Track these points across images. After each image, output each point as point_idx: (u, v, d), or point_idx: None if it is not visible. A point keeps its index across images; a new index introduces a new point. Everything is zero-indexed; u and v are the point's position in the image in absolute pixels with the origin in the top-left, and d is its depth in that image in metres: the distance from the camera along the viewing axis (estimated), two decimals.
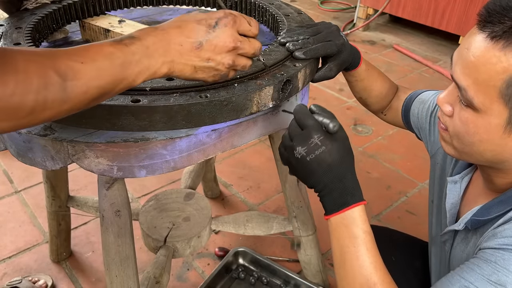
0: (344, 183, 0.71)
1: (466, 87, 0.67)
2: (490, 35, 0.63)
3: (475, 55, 0.65)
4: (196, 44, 0.65)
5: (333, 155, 0.71)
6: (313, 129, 0.72)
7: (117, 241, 0.99)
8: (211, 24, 0.67)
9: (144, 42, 0.61)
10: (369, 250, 0.71)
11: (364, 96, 1.09)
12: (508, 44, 0.61)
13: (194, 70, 0.67)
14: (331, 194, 0.71)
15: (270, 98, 0.82)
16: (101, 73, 0.56)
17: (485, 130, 0.68)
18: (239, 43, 0.69)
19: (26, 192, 1.94)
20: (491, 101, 0.65)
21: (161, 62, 0.63)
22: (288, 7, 1.15)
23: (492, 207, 0.74)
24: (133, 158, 0.78)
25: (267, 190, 1.99)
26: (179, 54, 0.65)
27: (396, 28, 3.86)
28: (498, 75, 0.63)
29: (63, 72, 0.52)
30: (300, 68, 0.87)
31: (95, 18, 1.13)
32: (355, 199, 0.71)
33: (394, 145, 2.27)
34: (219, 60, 0.68)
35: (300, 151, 0.71)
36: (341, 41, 0.92)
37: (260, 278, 1.50)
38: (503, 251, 0.65)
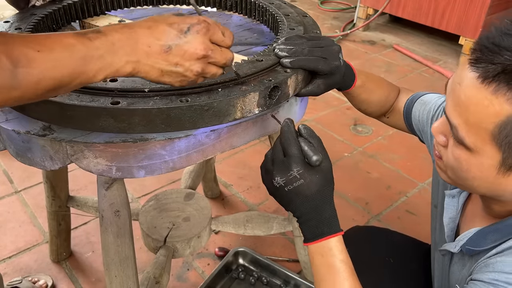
0: (320, 214, 0.72)
1: (457, 125, 0.65)
2: (482, 76, 0.60)
3: (466, 95, 0.63)
4: (165, 48, 0.63)
5: (311, 188, 0.71)
6: (293, 160, 0.71)
7: (117, 241, 0.99)
8: (183, 29, 0.65)
9: (110, 38, 0.59)
10: (347, 279, 0.71)
11: (364, 107, 1.08)
12: (500, 88, 0.59)
13: (161, 73, 0.65)
14: (308, 223, 0.73)
15: (256, 104, 0.81)
16: (57, 64, 0.54)
17: (477, 169, 0.66)
18: (210, 51, 0.67)
19: (26, 192, 1.94)
20: (483, 143, 0.63)
21: (125, 60, 0.61)
22: (289, 7, 1.15)
23: (488, 235, 0.73)
24: (132, 158, 0.78)
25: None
26: (146, 55, 0.63)
27: (396, 28, 3.86)
28: (489, 118, 0.61)
29: (15, 58, 0.50)
30: (291, 74, 0.85)
31: (95, 18, 1.13)
32: (331, 230, 0.72)
33: (394, 145, 2.27)
34: (188, 67, 0.66)
35: (278, 181, 0.72)
36: (337, 63, 0.88)
37: (260, 278, 1.50)
38: (493, 286, 0.64)
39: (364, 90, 1.02)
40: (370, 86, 1.03)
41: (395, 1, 3.47)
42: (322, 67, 0.86)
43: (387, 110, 1.10)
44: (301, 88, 0.90)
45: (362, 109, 1.09)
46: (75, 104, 0.73)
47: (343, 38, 3.61)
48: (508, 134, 0.60)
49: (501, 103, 0.59)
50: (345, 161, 2.20)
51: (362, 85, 1.00)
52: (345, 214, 1.87)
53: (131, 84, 0.77)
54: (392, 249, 1.10)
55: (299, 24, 1.05)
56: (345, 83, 0.97)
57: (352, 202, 1.94)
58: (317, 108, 2.57)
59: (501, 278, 0.64)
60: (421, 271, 1.08)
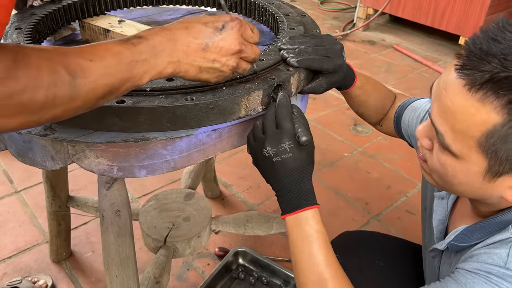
0: (300, 188, 0.75)
1: (444, 132, 0.64)
2: (469, 84, 0.59)
3: (453, 102, 0.62)
4: (202, 46, 0.67)
5: (296, 163, 0.75)
6: (286, 134, 0.75)
7: (117, 241, 0.99)
8: (218, 27, 0.68)
9: (151, 42, 0.62)
10: (321, 248, 0.74)
11: (361, 110, 1.09)
12: (487, 96, 0.58)
13: (199, 70, 0.69)
14: (287, 196, 0.76)
15: (260, 103, 0.82)
16: (109, 72, 0.57)
17: (463, 175, 0.66)
18: (243, 46, 0.71)
19: (26, 192, 1.94)
20: (469, 150, 0.63)
21: (167, 62, 0.64)
22: (289, 7, 1.15)
23: (474, 232, 0.73)
24: (133, 158, 0.78)
25: (267, 190, 1.99)
26: (185, 54, 0.66)
27: (396, 28, 3.86)
28: (476, 126, 0.60)
29: (72, 69, 0.52)
30: (293, 72, 0.85)
31: (95, 18, 1.13)
32: (309, 202, 0.75)
33: (394, 145, 2.27)
34: (224, 62, 0.70)
35: (269, 150, 0.75)
36: (340, 62, 0.89)
37: (260, 278, 1.50)
38: (475, 274, 0.65)
39: (363, 91, 1.03)
40: (369, 88, 1.04)
41: (395, 1, 3.47)
42: (326, 66, 0.87)
43: (383, 115, 1.11)
44: (303, 86, 0.90)
45: (360, 112, 1.10)
46: None
47: (343, 38, 3.61)
48: (495, 143, 0.59)
49: (488, 111, 0.58)
50: (345, 161, 2.20)
51: (361, 86, 1.01)
52: (345, 214, 1.87)
53: None
54: (383, 253, 1.09)
55: (299, 24, 1.05)
56: (346, 82, 0.98)
57: (352, 202, 1.94)
58: (317, 108, 2.57)
59: (483, 268, 0.65)
60: (413, 273, 1.08)
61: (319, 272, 0.73)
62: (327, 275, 0.72)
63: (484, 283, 0.63)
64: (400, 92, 1.15)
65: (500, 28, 0.60)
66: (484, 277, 0.64)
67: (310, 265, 0.74)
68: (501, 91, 0.57)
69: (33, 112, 0.50)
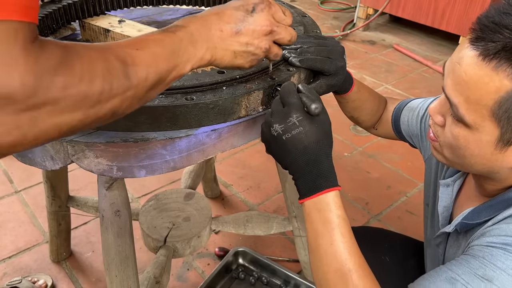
0: (318, 167, 0.69)
1: (457, 103, 0.66)
2: (483, 54, 0.62)
3: (467, 73, 0.64)
4: (235, 29, 0.67)
5: (310, 137, 0.69)
6: (293, 108, 0.70)
7: (117, 241, 0.99)
8: (249, 9, 0.68)
9: (188, 29, 0.62)
10: (344, 235, 0.68)
11: (356, 115, 1.09)
12: (501, 64, 0.60)
13: (234, 55, 0.68)
14: (305, 177, 0.70)
15: (260, 103, 0.81)
16: (156, 59, 0.56)
17: (475, 146, 0.68)
18: (275, 27, 0.70)
19: (26, 192, 1.94)
20: (483, 119, 0.64)
21: (205, 48, 0.64)
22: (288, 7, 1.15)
23: (482, 211, 0.75)
24: (133, 158, 0.78)
25: (267, 190, 1.99)
26: (220, 39, 0.66)
27: (396, 28, 3.86)
28: (490, 94, 0.62)
29: (122, 57, 0.52)
30: (294, 72, 0.85)
31: (95, 18, 1.13)
32: (329, 183, 0.69)
33: (394, 145, 2.27)
34: (257, 44, 0.69)
35: (276, 128, 0.70)
36: (342, 64, 0.89)
37: (260, 278, 1.50)
38: (492, 247, 0.66)
39: (359, 96, 1.03)
40: (364, 94, 1.05)
41: (395, 1, 3.47)
42: (328, 67, 0.87)
43: (377, 120, 1.12)
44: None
45: (355, 117, 1.10)
46: None
47: (343, 38, 3.61)
48: (507, 109, 0.62)
49: (501, 79, 0.61)
50: (345, 161, 2.20)
51: (358, 91, 1.02)
52: None
53: None
54: (387, 248, 1.10)
55: (299, 24, 1.05)
56: (344, 86, 0.98)
57: (352, 202, 1.94)
58: None
59: (499, 240, 0.66)
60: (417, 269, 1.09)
61: (341, 261, 0.67)
62: (351, 265, 0.67)
63: (502, 254, 0.64)
64: (400, 92, 1.15)
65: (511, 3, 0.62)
66: (501, 249, 0.65)
67: (332, 254, 0.68)
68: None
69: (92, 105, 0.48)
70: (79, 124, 0.48)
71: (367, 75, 3.02)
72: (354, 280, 0.66)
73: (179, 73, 0.61)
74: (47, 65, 0.42)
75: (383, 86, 2.86)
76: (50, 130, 0.45)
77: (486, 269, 0.64)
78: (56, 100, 0.44)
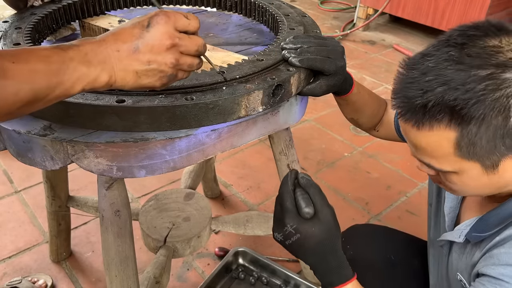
0: (327, 264, 0.71)
1: (429, 162, 0.70)
2: (416, 124, 0.65)
3: (417, 143, 0.68)
4: (132, 48, 0.63)
5: (310, 242, 0.70)
6: (287, 216, 0.70)
7: (117, 241, 0.99)
8: (144, 24, 0.64)
9: (82, 49, 0.60)
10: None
11: (356, 117, 1.09)
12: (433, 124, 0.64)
13: (137, 76, 0.64)
14: (318, 273, 0.72)
15: (260, 103, 0.81)
16: (33, 75, 0.54)
17: (471, 181, 0.70)
18: (177, 39, 0.65)
19: (26, 192, 1.94)
20: (459, 164, 0.67)
21: (100, 69, 0.61)
22: (289, 7, 1.15)
23: (490, 220, 0.75)
24: (133, 158, 0.78)
25: (267, 190, 1.99)
26: (118, 60, 0.62)
27: (396, 28, 3.86)
28: (446, 147, 0.65)
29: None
30: (294, 72, 0.85)
31: (95, 18, 1.13)
32: (341, 279, 0.71)
33: (394, 145, 2.27)
34: (161, 61, 0.65)
35: (278, 236, 0.72)
36: (342, 64, 0.89)
37: (260, 278, 1.50)
38: (501, 282, 0.67)
39: (359, 98, 1.03)
40: (364, 96, 1.04)
41: (395, 1, 3.47)
42: (328, 66, 0.87)
43: (377, 122, 1.11)
44: (303, 86, 0.90)
45: (355, 118, 1.10)
46: (80, 103, 0.74)
47: (343, 38, 3.61)
48: (468, 149, 0.64)
49: (443, 132, 0.64)
50: (345, 161, 2.20)
51: (358, 92, 1.02)
52: (345, 214, 1.87)
53: None
54: (393, 246, 1.11)
55: (299, 24, 1.05)
56: (344, 86, 0.98)
57: (352, 202, 1.94)
58: (317, 108, 2.57)
59: (508, 272, 0.66)
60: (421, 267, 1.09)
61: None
62: None
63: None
64: None
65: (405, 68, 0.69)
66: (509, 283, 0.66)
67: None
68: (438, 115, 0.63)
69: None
70: None
71: (367, 75, 3.02)
72: None
73: (65, 93, 0.58)
74: None
75: (383, 86, 2.86)
76: None
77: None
78: None
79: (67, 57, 0.58)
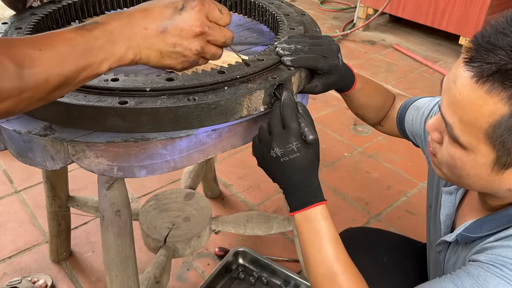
0: (309, 186, 0.76)
1: (452, 124, 0.65)
2: (477, 76, 0.60)
3: (461, 94, 0.63)
4: (161, 28, 0.63)
5: (304, 162, 0.75)
6: (293, 134, 0.74)
7: (117, 241, 0.99)
8: (178, 7, 0.63)
9: (108, 27, 0.59)
10: (331, 242, 0.75)
11: (361, 112, 1.08)
12: (495, 87, 0.59)
13: (161, 55, 0.65)
14: (296, 194, 0.76)
15: (262, 102, 0.82)
16: (61, 60, 0.54)
17: (471, 167, 0.67)
18: (207, 28, 0.66)
19: (26, 192, 1.94)
20: (478, 142, 0.63)
21: (126, 47, 0.60)
22: (289, 7, 1.15)
23: (484, 224, 0.74)
24: (133, 158, 0.78)
25: (267, 190, 1.99)
26: (144, 38, 0.62)
27: (396, 28, 3.86)
28: (484, 117, 0.61)
29: (18, 59, 0.50)
30: (294, 72, 0.85)
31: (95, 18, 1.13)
32: (317, 199, 0.76)
33: (394, 145, 2.27)
34: (186, 46, 0.65)
35: (276, 151, 0.75)
36: (336, 62, 0.89)
37: (260, 278, 1.50)
38: (487, 267, 0.65)
39: (363, 93, 1.02)
40: (369, 90, 1.03)
41: (395, 1, 3.47)
42: (322, 65, 0.87)
43: (383, 116, 1.11)
44: (304, 85, 0.90)
45: (360, 114, 1.09)
46: (82, 104, 0.73)
47: (343, 38, 3.61)
48: (502, 134, 0.60)
49: (495, 102, 0.59)
50: (345, 161, 2.20)
51: (362, 88, 1.01)
52: (345, 214, 1.87)
53: (133, 83, 0.77)
54: (386, 249, 1.10)
55: (299, 24, 1.05)
56: (345, 84, 0.97)
57: (352, 202, 1.94)
58: (317, 108, 2.57)
59: (497, 260, 0.65)
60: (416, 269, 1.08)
61: (328, 265, 0.74)
62: (337, 269, 0.73)
63: (496, 276, 0.64)
64: (400, 92, 1.15)
65: (508, 21, 0.60)
66: (497, 269, 0.64)
67: (319, 260, 0.75)
68: (508, 81, 0.57)
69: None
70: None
71: (367, 75, 3.01)
72: (340, 282, 0.73)
73: (93, 73, 0.58)
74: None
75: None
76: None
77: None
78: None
79: (92, 37, 0.57)
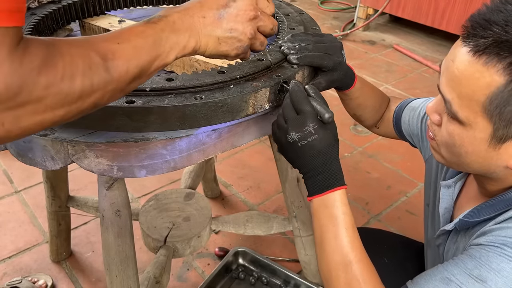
0: (329, 168, 0.74)
1: (451, 100, 0.67)
2: (473, 50, 0.63)
3: (459, 69, 0.65)
4: (218, 15, 0.68)
5: (323, 143, 0.74)
6: (308, 116, 0.74)
7: (117, 241, 0.99)
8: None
9: (170, 18, 0.64)
10: (347, 230, 0.73)
11: (359, 113, 1.09)
12: (491, 59, 0.61)
13: (218, 42, 0.70)
14: (316, 177, 0.75)
15: (267, 100, 0.82)
16: (137, 52, 0.58)
17: (470, 143, 0.68)
18: (259, 12, 0.72)
19: (26, 192, 1.94)
20: (475, 116, 0.65)
21: (188, 35, 0.65)
22: (288, 6, 1.15)
23: (482, 210, 0.75)
24: (133, 158, 0.78)
25: (267, 190, 1.99)
26: (203, 26, 0.67)
27: (396, 28, 3.86)
28: (481, 90, 0.63)
29: (103, 53, 0.53)
30: (298, 70, 0.86)
31: (95, 18, 1.13)
32: (337, 183, 0.75)
33: (394, 145, 2.27)
34: (242, 30, 0.71)
35: (293, 136, 0.74)
36: (340, 59, 0.90)
37: (260, 278, 1.50)
38: (489, 248, 0.66)
39: (362, 93, 1.03)
40: (367, 91, 1.04)
41: (395, 1, 3.47)
42: (327, 62, 0.88)
43: (379, 118, 1.12)
44: (307, 83, 0.91)
45: (357, 114, 1.10)
46: None
47: (343, 38, 3.61)
48: (499, 105, 0.62)
49: (491, 74, 0.61)
50: (345, 161, 2.20)
51: (361, 87, 1.02)
52: None
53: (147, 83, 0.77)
54: (387, 250, 1.10)
55: (299, 24, 1.05)
56: (347, 81, 0.98)
57: (352, 202, 1.94)
58: None
59: (498, 240, 0.66)
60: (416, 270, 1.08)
61: (343, 253, 0.72)
62: (352, 257, 0.72)
63: (498, 255, 0.65)
64: (400, 92, 1.15)
65: (502, 1, 0.64)
66: (499, 249, 0.65)
67: (335, 247, 0.73)
68: (503, 52, 0.60)
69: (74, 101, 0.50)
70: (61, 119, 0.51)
71: (367, 75, 3.02)
72: (354, 271, 0.71)
73: (162, 62, 0.63)
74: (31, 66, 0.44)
75: (383, 86, 2.86)
76: (32, 126, 0.48)
77: (481, 269, 0.65)
78: (39, 99, 0.46)
79: (158, 28, 0.62)
